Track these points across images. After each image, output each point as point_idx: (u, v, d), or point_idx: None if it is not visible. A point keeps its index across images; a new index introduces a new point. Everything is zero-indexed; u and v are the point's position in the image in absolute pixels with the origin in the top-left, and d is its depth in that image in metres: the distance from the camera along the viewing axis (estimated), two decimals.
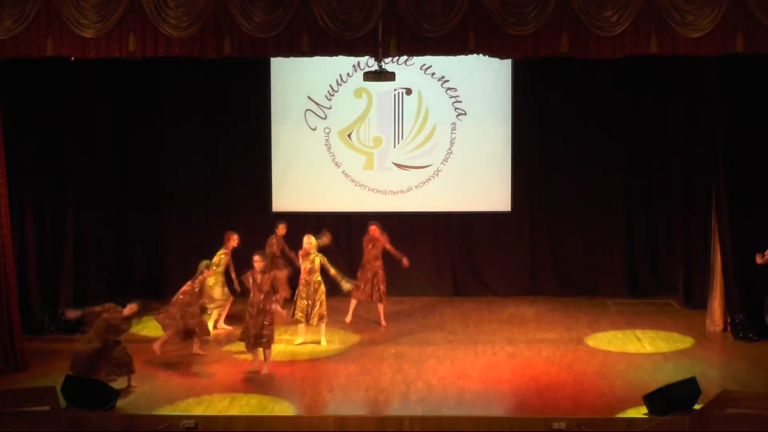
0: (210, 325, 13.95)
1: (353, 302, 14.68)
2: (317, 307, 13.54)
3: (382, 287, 14.53)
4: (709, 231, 14.37)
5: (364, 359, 12.96)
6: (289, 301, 13.92)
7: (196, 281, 13.07)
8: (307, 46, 11.82)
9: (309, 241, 13.64)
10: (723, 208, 13.81)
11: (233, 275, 14.26)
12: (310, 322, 13.56)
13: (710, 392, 11.03)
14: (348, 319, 14.69)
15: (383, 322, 14.60)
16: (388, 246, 14.63)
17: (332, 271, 13.68)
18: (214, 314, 14.33)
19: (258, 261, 12.48)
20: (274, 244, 14.77)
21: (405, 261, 14.65)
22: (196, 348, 13.10)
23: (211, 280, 13.96)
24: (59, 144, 14.37)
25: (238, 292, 14.10)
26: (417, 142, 16.42)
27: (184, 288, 13.08)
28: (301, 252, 13.75)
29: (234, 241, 14.29)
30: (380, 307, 14.63)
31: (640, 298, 16.14)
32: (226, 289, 14.33)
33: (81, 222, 14.93)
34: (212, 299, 14.16)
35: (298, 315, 13.55)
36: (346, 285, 13.86)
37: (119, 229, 16.44)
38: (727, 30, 11.51)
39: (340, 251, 16.57)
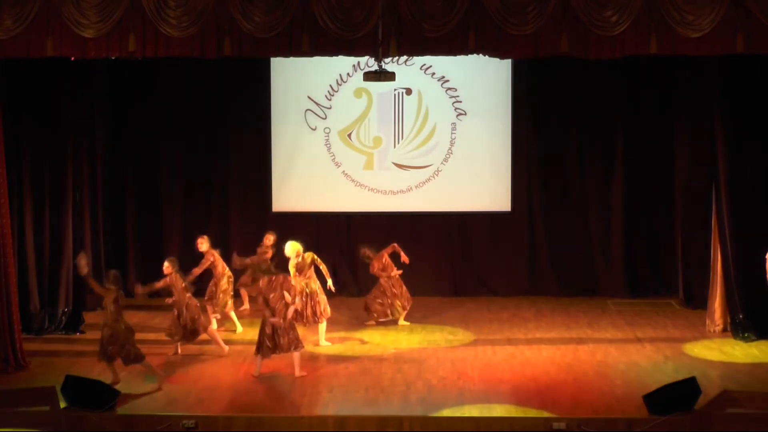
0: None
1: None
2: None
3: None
4: (709, 231, 14.37)
5: (364, 359, 12.96)
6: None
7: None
8: (307, 46, 11.82)
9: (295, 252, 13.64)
10: (723, 208, 13.81)
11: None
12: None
13: (710, 392, 11.04)
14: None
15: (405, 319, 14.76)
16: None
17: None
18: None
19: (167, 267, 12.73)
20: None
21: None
22: (219, 345, 13.11)
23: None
24: (59, 144, 14.35)
25: None
26: (417, 142, 16.43)
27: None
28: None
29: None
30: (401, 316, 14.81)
31: (640, 298, 16.14)
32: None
33: (81, 222, 14.92)
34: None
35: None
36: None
37: (119, 228, 16.44)
38: (727, 30, 11.52)
39: (341, 251, 16.59)
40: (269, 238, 14.86)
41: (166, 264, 12.81)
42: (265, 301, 12.20)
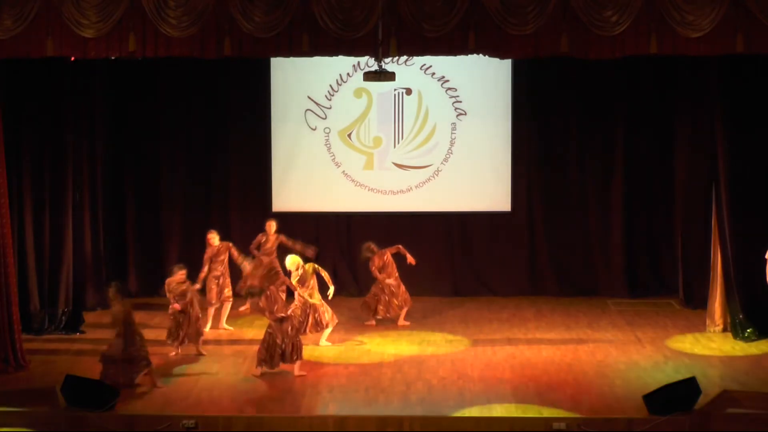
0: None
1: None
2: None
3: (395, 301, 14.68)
4: (709, 231, 14.36)
5: (364, 359, 12.96)
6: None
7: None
8: (307, 46, 11.82)
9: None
10: (723, 208, 13.81)
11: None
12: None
13: (710, 392, 11.05)
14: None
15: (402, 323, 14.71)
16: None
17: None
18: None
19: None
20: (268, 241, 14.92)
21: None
22: (199, 348, 13.10)
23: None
24: (59, 144, 14.35)
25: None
26: (417, 142, 16.43)
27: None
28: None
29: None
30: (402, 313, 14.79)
31: (640, 298, 16.14)
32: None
33: (80, 222, 14.92)
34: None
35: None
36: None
37: (119, 228, 16.44)
38: (727, 30, 11.52)
39: (341, 251, 16.58)
40: (272, 225, 14.95)
41: (182, 272, 12.90)
42: (271, 314, 12.21)
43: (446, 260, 16.66)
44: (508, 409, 11.07)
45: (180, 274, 12.93)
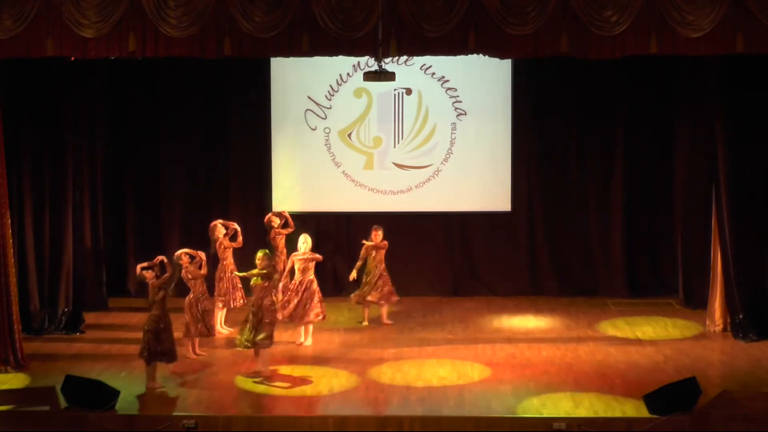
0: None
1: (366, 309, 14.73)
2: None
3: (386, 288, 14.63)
4: (709, 231, 14.37)
5: (363, 359, 12.96)
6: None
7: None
8: (307, 46, 11.83)
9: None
10: (723, 208, 13.81)
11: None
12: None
13: (710, 392, 11.05)
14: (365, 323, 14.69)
15: (386, 321, 14.66)
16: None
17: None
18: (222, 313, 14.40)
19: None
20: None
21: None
22: (196, 349, 13.09)
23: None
24: (59, 144, 14.35)
25: None
26: (417, 142, 16.42)
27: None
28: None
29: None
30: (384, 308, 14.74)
31: (640, 298, 16.13)
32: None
33: (81, 221, 14.92)
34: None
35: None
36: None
37: (119, 229, 16.44)
38: (727, 30, 11.53)
39: (341, 251, 16.58)
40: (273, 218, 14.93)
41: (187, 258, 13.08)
42: (260, 306, 12.21)
43: (446, 260, 16.65)
44: (508, 409, 11.07)
45: (186, 260, 13.13)
